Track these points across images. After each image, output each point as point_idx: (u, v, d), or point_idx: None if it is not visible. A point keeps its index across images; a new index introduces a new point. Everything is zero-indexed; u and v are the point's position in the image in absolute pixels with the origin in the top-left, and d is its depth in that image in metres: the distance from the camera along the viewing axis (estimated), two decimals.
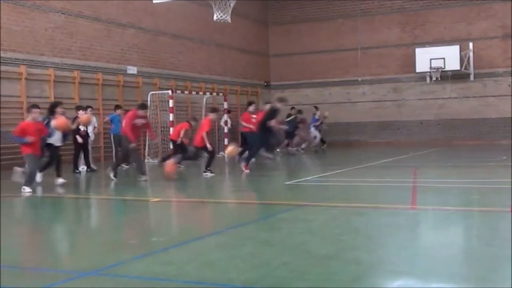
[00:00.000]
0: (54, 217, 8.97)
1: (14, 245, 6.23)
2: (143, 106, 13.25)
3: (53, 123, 11.91)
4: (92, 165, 15.65)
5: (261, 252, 5.57)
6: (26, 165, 11.67)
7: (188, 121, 16.05)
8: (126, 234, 7.10)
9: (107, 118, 17.12)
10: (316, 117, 22.80)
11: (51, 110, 12.37)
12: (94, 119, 16.00)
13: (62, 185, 11.97)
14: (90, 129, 15.63)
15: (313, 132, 22.36)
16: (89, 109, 15.98)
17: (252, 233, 6.70)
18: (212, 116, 14.02)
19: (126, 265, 5.16)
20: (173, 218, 8.54)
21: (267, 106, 16.13)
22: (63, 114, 12.54)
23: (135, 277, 4.75)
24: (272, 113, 14.25)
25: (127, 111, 17.50)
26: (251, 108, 17.83)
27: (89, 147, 15.71)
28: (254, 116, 17.19)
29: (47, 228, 7.85)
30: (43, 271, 5.11)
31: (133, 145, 12.54)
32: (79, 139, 15.06)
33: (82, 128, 15.15)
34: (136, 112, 12.77)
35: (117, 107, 17.45)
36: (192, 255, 5.50)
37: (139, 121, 12.75)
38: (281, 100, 14.97)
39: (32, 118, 11.18)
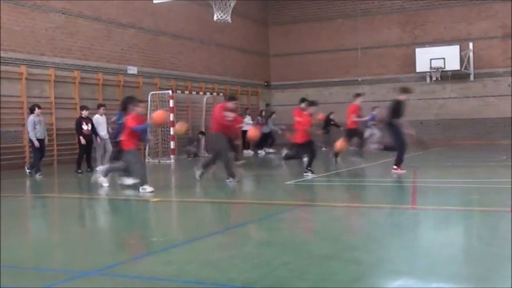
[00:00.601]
0: (55, 217, 8.97)
1: (13, 245, 6.23)
2: (233, 98, 12.04)
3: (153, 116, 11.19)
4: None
5: (261, 252, 5.57)
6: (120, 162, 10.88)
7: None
8: (126, 234, 7.10)
9: (113, 118, 16.99)
10: (373, 114, 20.37)
11: (125, 106, 11.35)
12: (105, 118, 15.97)
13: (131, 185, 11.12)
14: (104, 129, 15.61)
15: (371, 131, 19.91)
16: (102, 108, 15.94)
17: (252, 233, 6.70)
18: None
19: (126, 265, 5.16)
20: (173, 218, 8.54)
21: (358, 99, 15.40)
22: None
23: (135, 277, 4.75)
24: (397, 107, 12.51)
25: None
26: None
27: (107, 147, 15.68)
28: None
29: (46, 228, 7.85)
30: (43, 271, 5.11)
31: (234, 138, 11.57)
32: (82, 140, 15.05)
33: (85, 127, 15.16)
34: (225, 104, 11.68)
35: None
36: (192, 255, 5.51)
37: (229, 115, 11.53)
38: (405, 90, 13.14)
39: (137, 112, 10.66)
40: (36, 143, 14.12)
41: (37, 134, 14.14)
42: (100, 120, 15.64)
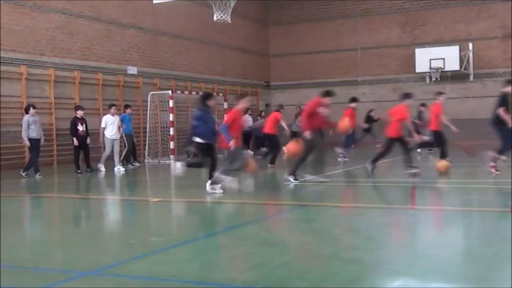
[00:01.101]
0: (55, 217, 8.97)
1: (13, 245, 6.23)
2: (329, 93, 11.18)
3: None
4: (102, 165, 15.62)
5: (261, 252, 5.57)
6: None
7: (278, 110, 15.72)
8: (126, 233, 7.11)
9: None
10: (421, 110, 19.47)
11: (204, 102, 10.79)
12: (117, 118, 15.95)
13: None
14: (115, 129, 15.59)
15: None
16: (113, 108, 15.90)
17: (252, 233, 6.70)
18: (408, 102, 11.99)
19: (126, 265, 5.17)
20: (173, 218, 8.54)
21: (441, 98, 14.92)
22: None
23: (135, 277, 4.76)
24: (504, 100, 11.88)
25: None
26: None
27: (115, 148, 15.67)
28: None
29: (46, 228, 7.85)
30: (43, 271, 5.11)
31: (307, 133, 10.74)
32: (75, 142, 15.01)
33: (81, 128, 15.15)
34: (320, 100, 10.98)
35: (127, 106, 17.42)
36: (192, 255, 5.51)
37: (323, 110, 10.83)
38: (509, 82, 12.49)
39: (243, 107, 10.22)
40: (27, 143, 14.16)
41: (32, 134, 14.14)
42: (110, 120, 15.59)
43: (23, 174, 14.21)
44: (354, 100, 17.26)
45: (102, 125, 15.63)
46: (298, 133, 21.08)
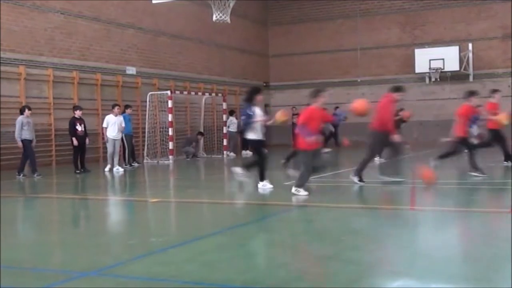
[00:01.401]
0: (54, 218, 8.96)
1: (12, 245, 6.22)
2: (399, 89, 10.72)
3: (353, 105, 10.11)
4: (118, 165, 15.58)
5: (261, 252, 5.56)
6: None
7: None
8: (126, 234, 7.10)
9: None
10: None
11: (251, 98, 10.55)
12: (121, 118, 15.93)
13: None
14: (116, 129, 15.57)
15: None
16: (116, 107, 15.85)
17: (252, 233, 6.69)
18: (473, 100, 11.55)
19: (126, 265, 5.16)
20: (172, 218, 8.54)
21: (496, 95, 13.56)
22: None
23: (135, 277, 4.75)
24: None
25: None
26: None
27: (116, 148, 15.61)
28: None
29: (46, 229, 7.83)
30: (43, 271, 5.11)
31: (397, 137, 10.40)
32: (75, 142, 14.97)
33: (79, 128, 15.12)
34: (393, 96, 10.52)
35: (127, 106, 17.39)
36: (192, 255, 5.50)
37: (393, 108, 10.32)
38: None
39: (321, 103, 9.59)
40: (20, 144, 14.16)
41: (25, 135, 14.12)
42: (112, 120, 15.55)
43: (19, 176, 14.12)
44: (496, 91, 15.74)
45: (104, 125, 15.64)
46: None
